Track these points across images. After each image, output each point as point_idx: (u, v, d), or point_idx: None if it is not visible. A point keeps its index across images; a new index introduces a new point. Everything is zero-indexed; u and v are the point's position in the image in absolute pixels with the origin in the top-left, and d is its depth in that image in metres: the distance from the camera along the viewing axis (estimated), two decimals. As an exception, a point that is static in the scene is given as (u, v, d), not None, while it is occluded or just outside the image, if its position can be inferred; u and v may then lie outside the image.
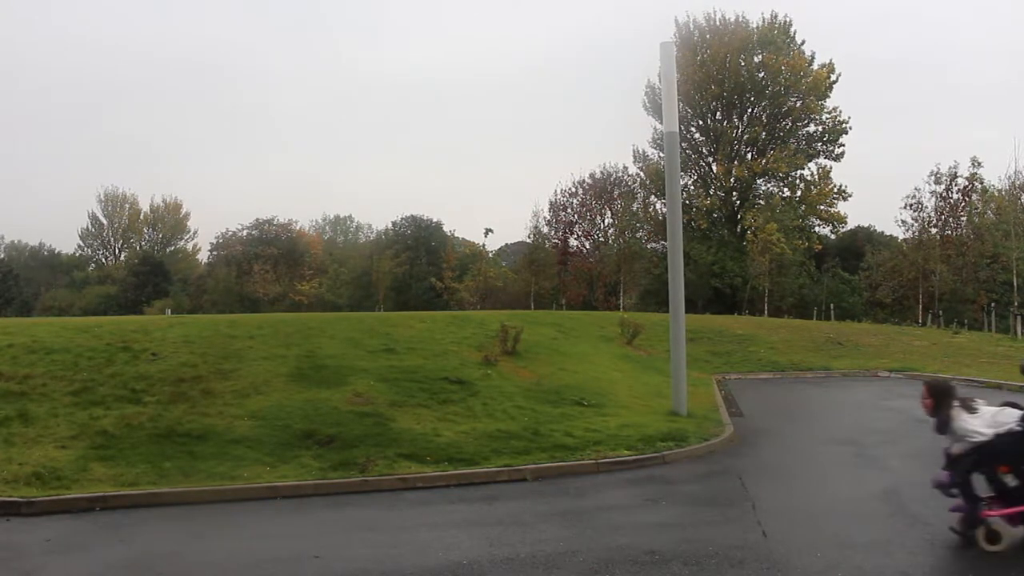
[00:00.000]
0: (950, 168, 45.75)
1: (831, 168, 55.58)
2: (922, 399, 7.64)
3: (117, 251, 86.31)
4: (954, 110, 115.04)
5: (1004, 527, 7.20)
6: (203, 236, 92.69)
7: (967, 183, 45.59)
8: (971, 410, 7.37)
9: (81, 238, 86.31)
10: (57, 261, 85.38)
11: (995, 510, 7.24)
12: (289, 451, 11.31)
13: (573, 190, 58.70)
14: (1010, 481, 7.32)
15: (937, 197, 46.09)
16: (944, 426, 7.44)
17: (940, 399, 7.49)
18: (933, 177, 45.92)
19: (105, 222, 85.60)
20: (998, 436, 7.18)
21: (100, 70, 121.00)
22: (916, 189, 46.84)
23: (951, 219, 46.27)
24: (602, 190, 57.95)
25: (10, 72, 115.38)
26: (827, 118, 54.94)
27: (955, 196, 45.96)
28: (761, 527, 8.11)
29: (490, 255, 59.73)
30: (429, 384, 14.76)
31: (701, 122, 56.86)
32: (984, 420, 7.30)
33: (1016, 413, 7.31)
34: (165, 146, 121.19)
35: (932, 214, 46.31)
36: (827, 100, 54.54)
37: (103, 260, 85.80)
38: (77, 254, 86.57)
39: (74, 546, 8.02)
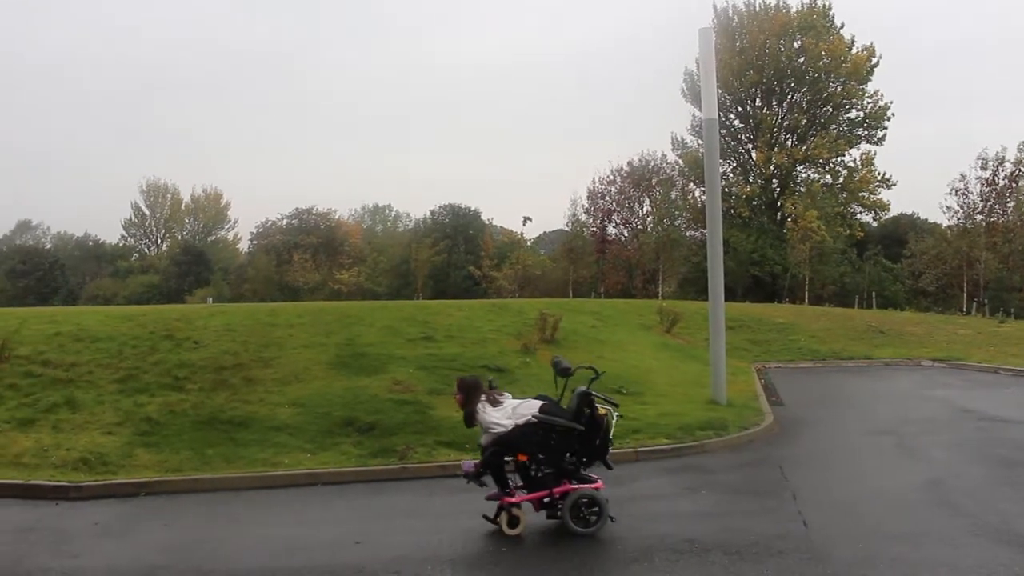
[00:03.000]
0: (997, 153, 44.95)
1: (874, 154, 54.82)
2: (453, 394, 8.22)
3: (159, 241, 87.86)
4: (1001, 94, 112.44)
5: (524, 512, 7.69)
6: (243, 225, 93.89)
7: (1015, 169, 44.68)
8: (495, 403, 7.86)
9: (124, 228, 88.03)
10: (102, 251, 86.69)
11: (519, 496, 7.73)
12: (329, 438, 11.43)
13: (611, 178, 58.51)
14: (533, 469, 7.75)
15: (983, 183, 45.24)
16: (471, 419, 7.92)
17: (468, 394, 7.95)
18: (979, 163, 45.12)
19: (147, 212, 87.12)
20: (516, 427, 7.66)
21: (143, 62, 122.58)
22: (962, 175, 46.07)
23: (997, 206, 45.40)
24: (640, 178, 57.52)
25: (56, 65, 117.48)
26: (868, 103, 54.15)
27: (1002, 182, 45.07)
28: (802, 517, 8.04)
29: (528, 243, 59.68)
30: (468, 372, 14.76)
31: (740, 109, 56.37)
32: (505, 412, 7.76)
33: (536, 404, 7.75)
34: (205, 136, 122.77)
35: (978, 200, 45.50)
36: (868, 84, 53.88)
37: (146, 250, 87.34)
38: (121, 244, 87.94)
39: (121, 530, 8.18)
